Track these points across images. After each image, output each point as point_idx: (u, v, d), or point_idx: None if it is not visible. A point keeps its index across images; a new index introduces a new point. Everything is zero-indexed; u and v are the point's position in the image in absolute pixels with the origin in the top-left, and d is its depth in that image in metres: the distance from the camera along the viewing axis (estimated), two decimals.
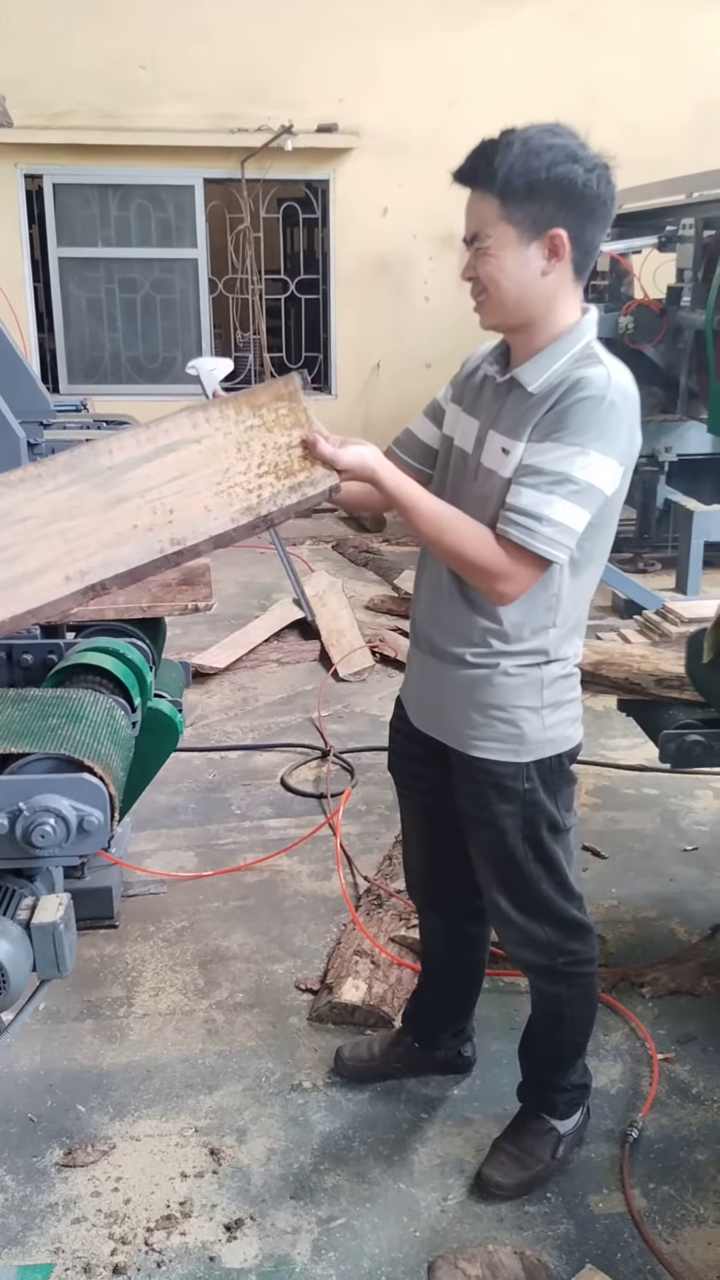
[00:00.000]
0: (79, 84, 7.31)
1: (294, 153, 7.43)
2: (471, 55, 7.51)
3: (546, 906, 2.03)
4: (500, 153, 1.66)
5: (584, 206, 1.68)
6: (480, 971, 2.42)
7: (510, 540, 1.71)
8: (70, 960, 1.66)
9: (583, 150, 1.68)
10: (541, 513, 1.69)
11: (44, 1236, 2.08)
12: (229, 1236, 2.08)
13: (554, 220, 1.68)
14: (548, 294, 1.74)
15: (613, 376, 1.72)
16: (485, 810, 1.96)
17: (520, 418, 1.77)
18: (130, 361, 7.98)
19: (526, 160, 1.65)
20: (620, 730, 4.13)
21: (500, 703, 1.89)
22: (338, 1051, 2.49)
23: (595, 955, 2.14)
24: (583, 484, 1.70)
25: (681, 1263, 2.02)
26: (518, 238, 1.69)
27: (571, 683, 1.96)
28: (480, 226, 1.71)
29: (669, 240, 5.98)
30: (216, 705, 4.68)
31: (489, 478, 1.81)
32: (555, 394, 1.73)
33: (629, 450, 1.75)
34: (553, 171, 1.65)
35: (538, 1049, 2.23)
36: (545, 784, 1.95)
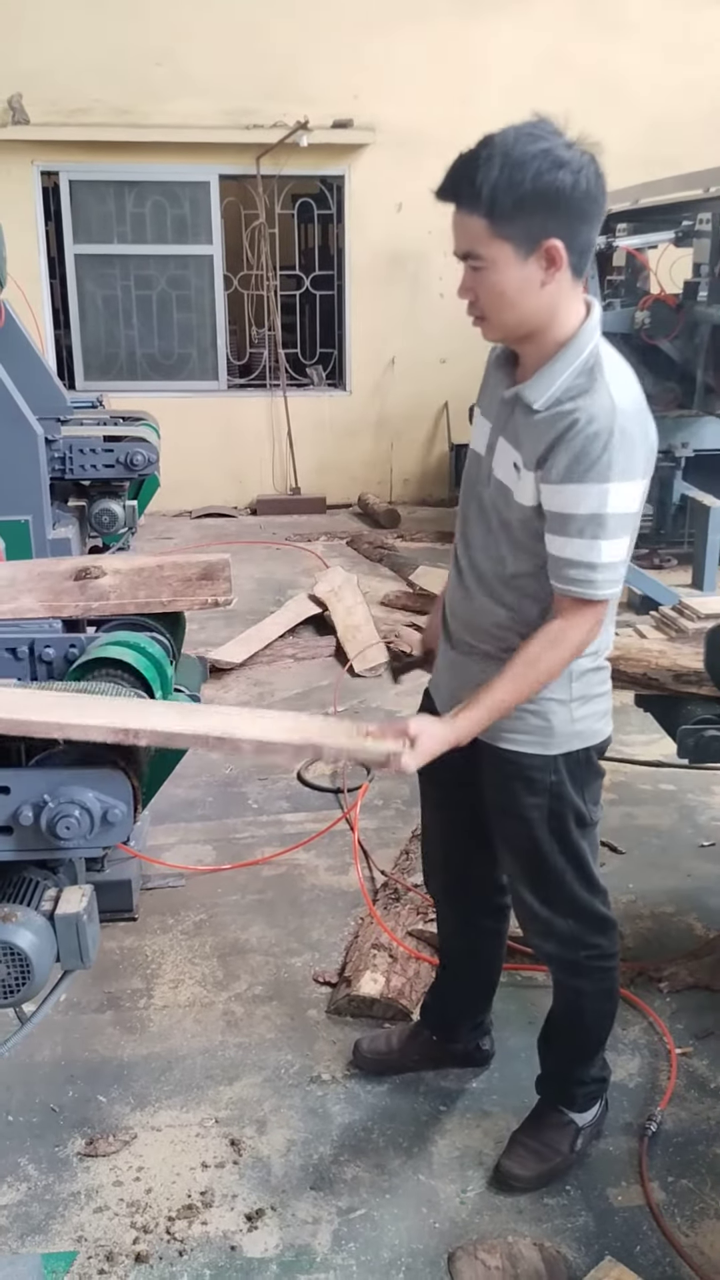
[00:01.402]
0: (95, 81, 7.31)
1: (309, 149, 7.43)
2: (487, 50, 7.49)
3: (570, 899, 2.04)
4: (481, 169, 1.60)
5: (575, 210, 1.63)
6: (498, 965, 2.43)
7: (575, 595, 1.75)
8: (93, 951, 1.68)
9: (566, 151, 1.61)
10: (592, 560, 1.72)
11: (67, 1225, 2.10)
12: (250, 1226, 2.09)
13: (546, 231, 1.63)
14: (550, 304, 1.72)
15: (616, 400, 1.69)
16: (512, 802, 1.97)
17: (527, 434, 1.77)
18: (146, 358, 8.00)
19: (510, 175, 1.59)
20: (637, 726, 4.12)
21: None
22: (356, 1044, 2.50)
23: (617, 950, 2.15)
24: (616, 517, 1.71)
25: (700, 1255, 2.02)
26: (514, 253, 1.65)
27: (601, 676, 1.96)
28: (471, 246, 1.68)
29: (686, 235, 5.95)
30: (233, 700, 4.69)
31: (501, 491, 1.83)
32: (559, 424, 1.70)
33: (648, 459, 1.75)
34: (539, 182, 1.59)
35: (558, 1042, 2.24)
36: (572, 777, 1.95)
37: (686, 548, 6.39)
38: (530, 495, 1.76)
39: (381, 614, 5.68)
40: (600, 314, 1.79)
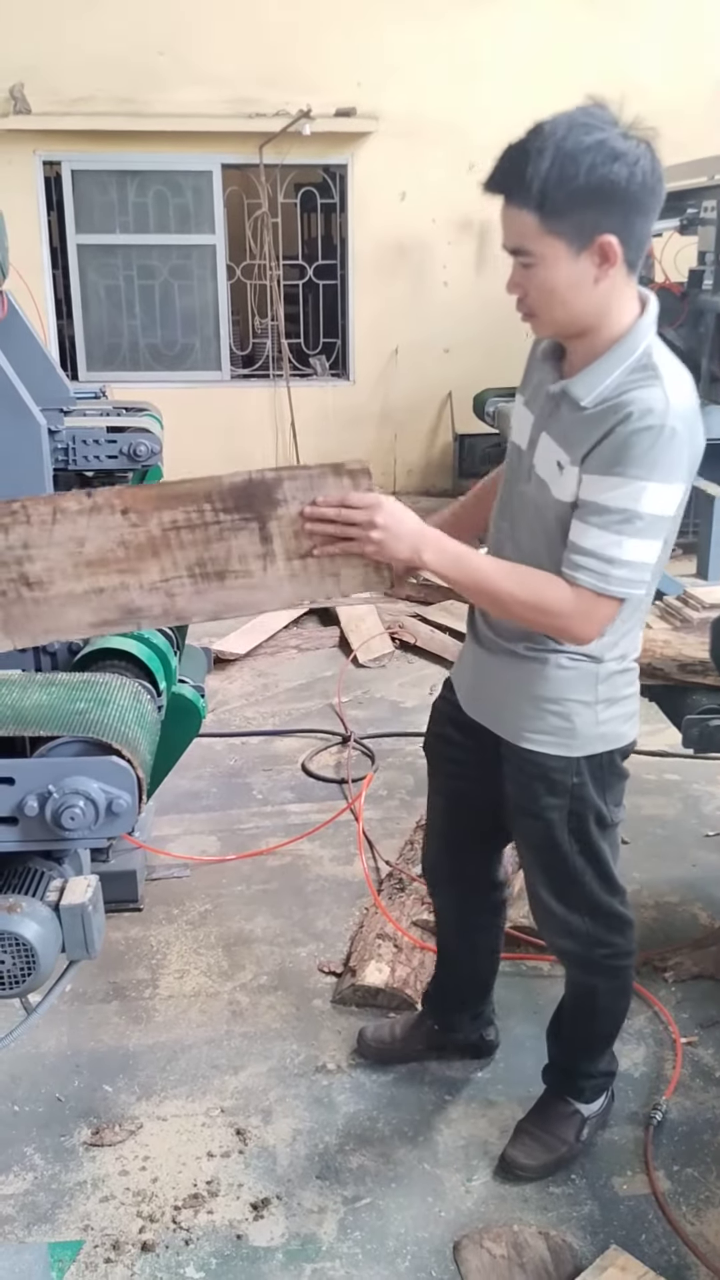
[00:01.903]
0: (97, 70, 7.28)
1: (312, 137, 7.40)
2: (489, 37, 7.44)
3: (589, 899, 2.03)
4: (532, 162, 1.52)
5: (631, 204, 1.55)
6: (495, 957, 2.41)
7: (582, 585, 1.67)
8: (98, 942, 1.68)
9: (622, 141, 1.53)
10: (612, 555, 1.64)
11: (73, 1214, 2.10)
12: (256, 1215, 2.10)
13: (600, 226, 1.55)
14: (603, 300, 1.64)
15: (671, 400, 1.61)
16: (533, 802, 1.95)
17: (574, 431, 1.70)
18: (149, 348, 7.98)
19: (562, 169, 1.51)
20: (642, 715, 4.11)
21: (553, 695, 1.87)
22: (360, 1033, 2.50)
23: (634, 949, 2.14)
24: (649, 517, 1.62)
25: (706, 1244, 2.03)
26: (566, 249, 1.57)
27: (628, 679, 1.92)
28: (521, 241, 1.60)
29: (690, 223, 5.93)
30: (237, 691, 4.69)
31: (542, 488, 1.76)
32: (612, 418, 1.62)
33: (692, 467, 1.67)
34: (593, 176, 1.51)
35: (568, 1036, 2.24)
36: (595, 779, 1.93)
37: (692, 537, 6.37)
38: (571, 491, 1.69)
39: (385, 604, 5.67)
40: (656, 311, 1.71)
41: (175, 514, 1.65)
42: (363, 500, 1.62)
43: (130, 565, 1.67)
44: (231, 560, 1.68)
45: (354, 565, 1.70)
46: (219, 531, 1.66)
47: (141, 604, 1.70)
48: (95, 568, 1.67)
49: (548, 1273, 1.96)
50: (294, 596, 1.72)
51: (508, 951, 2.80)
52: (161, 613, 1.71)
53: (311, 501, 1.63)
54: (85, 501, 1.65)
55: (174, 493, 1.66)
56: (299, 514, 1.64)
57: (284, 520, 1.66)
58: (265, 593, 1.71)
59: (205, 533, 1.66)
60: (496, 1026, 2.50)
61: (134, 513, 1.65)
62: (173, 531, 1.66)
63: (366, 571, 1.70)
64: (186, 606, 1.71)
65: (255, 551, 1.68)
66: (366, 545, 1.63)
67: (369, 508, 1.62)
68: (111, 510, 1.65)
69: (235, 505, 1.65)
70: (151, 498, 1.65)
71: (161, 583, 1.68)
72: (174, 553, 1.67)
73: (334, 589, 1.72)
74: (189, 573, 1.68)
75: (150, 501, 1.65)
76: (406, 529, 1.64)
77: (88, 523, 1.65)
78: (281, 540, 1.67)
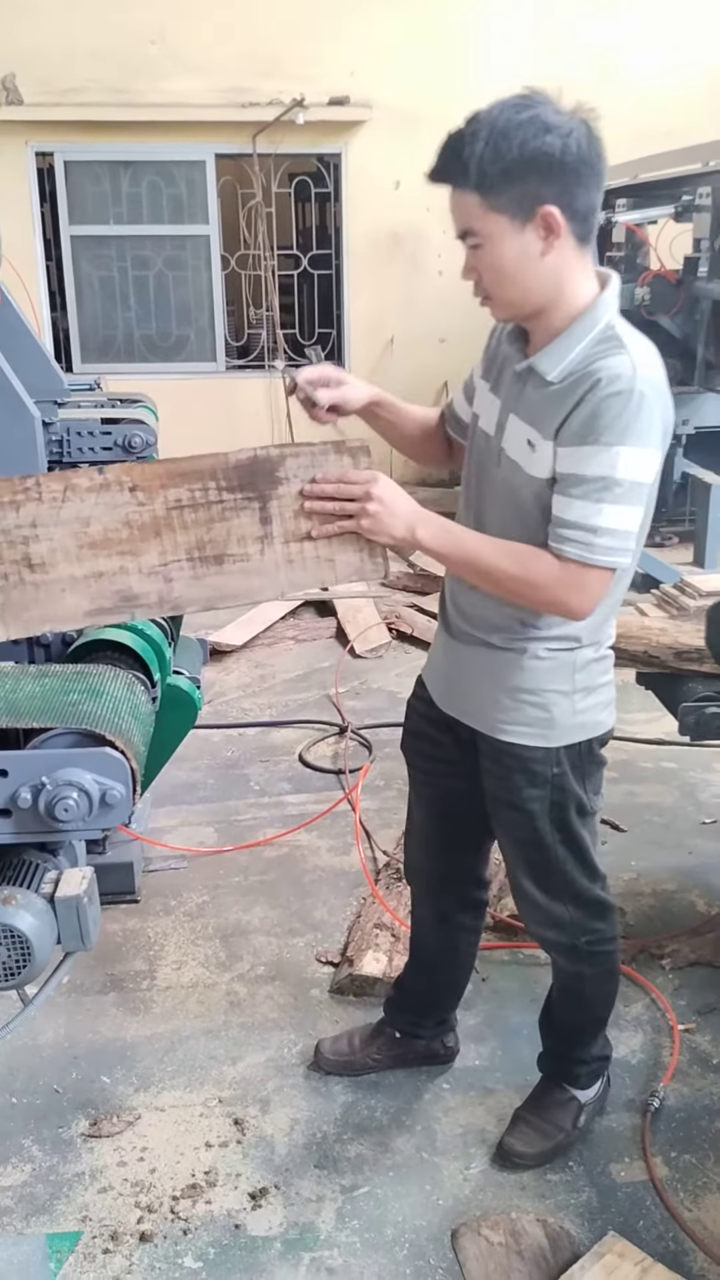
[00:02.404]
0: (89, 60, 7.25)
1: (305, 126, 7.37)
2: (484, 25, 7.41)
3: (571, 887, 2.02)
4: (468, 145, 1.58)
5: (568, 174, 1.59)
6: (470, 962, 2.39)
7: (569, 557, 1.67)
8: (94, 934, 1.68)
9: (555, 116, 1.57)
10: (594, 524, 1.65)
11: (71, 1205, 2.11)
12: (254, 1205, 2.10)
13: (540, 197, 1.59)
14: (554, 275, 1.66)
15: (638, 366, 1.63)
16: (513, 794, 1.94)
17: (542, 408, 1.71)
18: (143, 340, 7.96)
19: (496, 146, 1.56)
20: (638, 704, 4.10)
21: (530, 686, 1.86)
22: (317, 1046, 2.46)
23: (618, 934, 2.14)
24: (626, 483, 1.64)
25: (704, 1230, 2.03)
26: (509, 224, 1.61)
27: (604, 666, 1.92)
28: (467, 223, 1.65)
29: (685, 210, 5.91)
30: (234, 682, 4.69)
31: (514, 470, 1.77)
32: (580, 388, 1.64)
33: (665, 432, 1.69)
34: (526, 149, 1.56)
35: (559, 1024, 2.24)
36: (575, 769, 1.92)
37: (688, 525, 6.38)
38: (546, 467, 1.69)
39: (382, 594, 5.67)
40: (618, 287, 1.73)
41: (180, 492, 1.67)
42: (360, 476, 1.66)
43: (131, 547, 1.68)
44: (230, 543, 1.69)
45: (349, 551, 1.71)
46: (220, 511, 1.68)
47: (138, 590, 1.70)
48: (98, 549, 1.68)
49: (545, 1260, 1.96)
50: (289, 583, 1.73)
51: (505, 940, 2.82)
52: (158, 600, 1.72)
53: (311, 479, 1.66)
54: (96, 478, 1.66)
55: (181, 469, 1.68)
56: (299, 492, 1.66)
57: (284, 500, 1.68)
58: (261, 578, 1.72)
59: (208, 512, 1.68)
60: (457, 1034, 2.47)
61: (141, 490, 1.67)
62: (176, 511, 1.68)
63: (361, 558, 1.72)
64: (183, 594, 1.71)
65: (254, 534, 1.69)
66: (363, 519, 1.65)
67: (366, 482, 1.65)
68: (120, 487, 1.67)
69: (239, 483, 1.68)
70: (160, 474, 1.67)
71: (160, 566, 1.69)
72: (175, 534, 1.68)
73: (329, 575, 1.73)
74: (188, 555, 1.69)
75: (158, 478, 1.67)
76: (402, 505, 1.67)
77: (96, 500, 1.67)
78: (280, 522, 1.69)
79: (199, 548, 1.69)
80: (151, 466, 1.68)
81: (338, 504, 1.66)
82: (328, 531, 1.68)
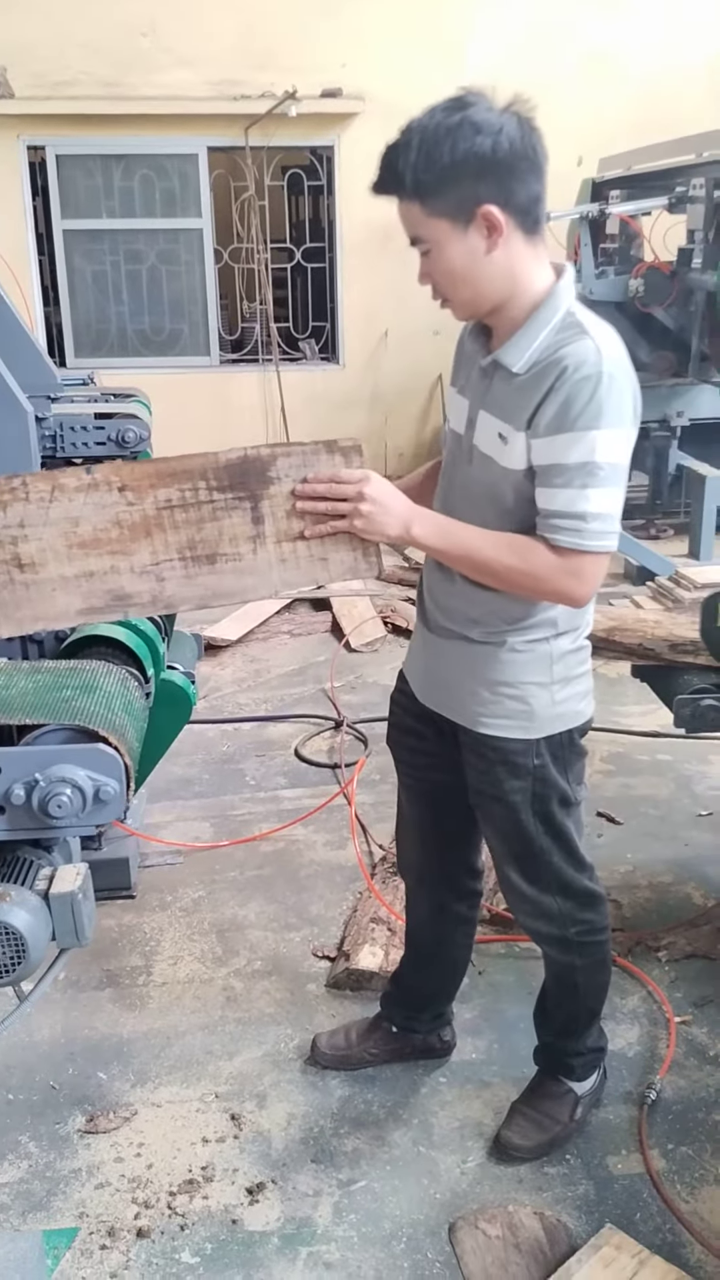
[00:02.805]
0: (81, 53, 7.21)
1: (298, 119, 7.34)
2: (476, 16, 7.38)
3: (558, 879, 2.03)
4: (401, 155, 1.61)
5: (503, 171, 1.60)
6: (466, 955, 2.39)
7: (563, 546, 1.69)
8: (89, 930, 1.67)
9: (486, 114, 1.59)
10: (582, 510, 1.66)
11: (68, 1201, 2.10)
12: (251, 1200, 2.10)
13: (478, 198, 1.61)
14: (505, 270, 1.67)
15: (602, 348, 1.65)
16: (495, 787, 1.95)
17: (511, 400, 1.72)
18: (137, 334, 7.93)
19: (428, 154, 1.59)
20: (633, 696, 4.12)
21: (508, 679, 1.87)
22: (314, 1041, 2.46)
23: (608, 924, 2.13)
24: (607, 466, 1.66)
25: (701, 1221, 2.03)
26: (451, 228, 1.64)
27: (581, 657, 1.93)
28: (414, 231, 1.67)
29: (679, 201, 5.89)
30: (229, 677, 4.68)
31: (486, 464, 1.78)
32: (548, 378, 1.66)
33: (635, 411, 1.71)
34: (457, 153, 1.58)
35: (553, 1016, 2.24)
36: (555, 759, 1.93)
37: (683, 518, 6.37)
38: (520, 458, 1.71)
39: (377, 588, 5.66)
40: (573, 276, 1.75)
41: (170, 491, 1.66)
42: (352, 476, 1.65)
43: (123, 546, 1.67)
44: (222, 542, 1.68)
45: (342, 550, 1.70)
46: (211, 511, 1.67)
47: (131, 589, 1.69)
48: (88, 549, 1.67)
49: (543, 1253, 1.96)
50: (282, 582, 1.72)
51: (501, 933, 2.81)
52: (150, 600, 1.71)
53: (303, 479, 1.64)
54: (84, 479, 1.65)
55: (171, 469, 1.66)
56: (291, 492, 1.65)
57: (276, 499, 1.67)
58: (254, 577, 1.71)
59: (198, 512, 1.67)
60: (454, 1028, 2.47)
61: (131, 490, 1.66)
62: (166, 510, 1.67)
63: (355, 556, 1.71)
64: (175, 593, 1.71)
65: (246, 533, 1.69)
66: (356, 520, 1.65)
67: (359, 482, 1.64)
68: (109, 487, 1.65)
69: (230, 483, 1.66)
70: (149, 474, 1.66)
71: (152, 566, 1.68)
72: (166, 534, 1.67)
73: (322, 574, 1.73)
74: (179, 555, 1.68)
75: (147, 478, 1.65)
76: (395, 503, 1.67)
77: (84, 500, 1.66)
78: (272, 521, 1.68)
79: (190, 547, 1.69)
80: (140, 466, 1.67)
81: (330, 504, 1.65)
82: (321, 531, 1.68)
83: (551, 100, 7.66)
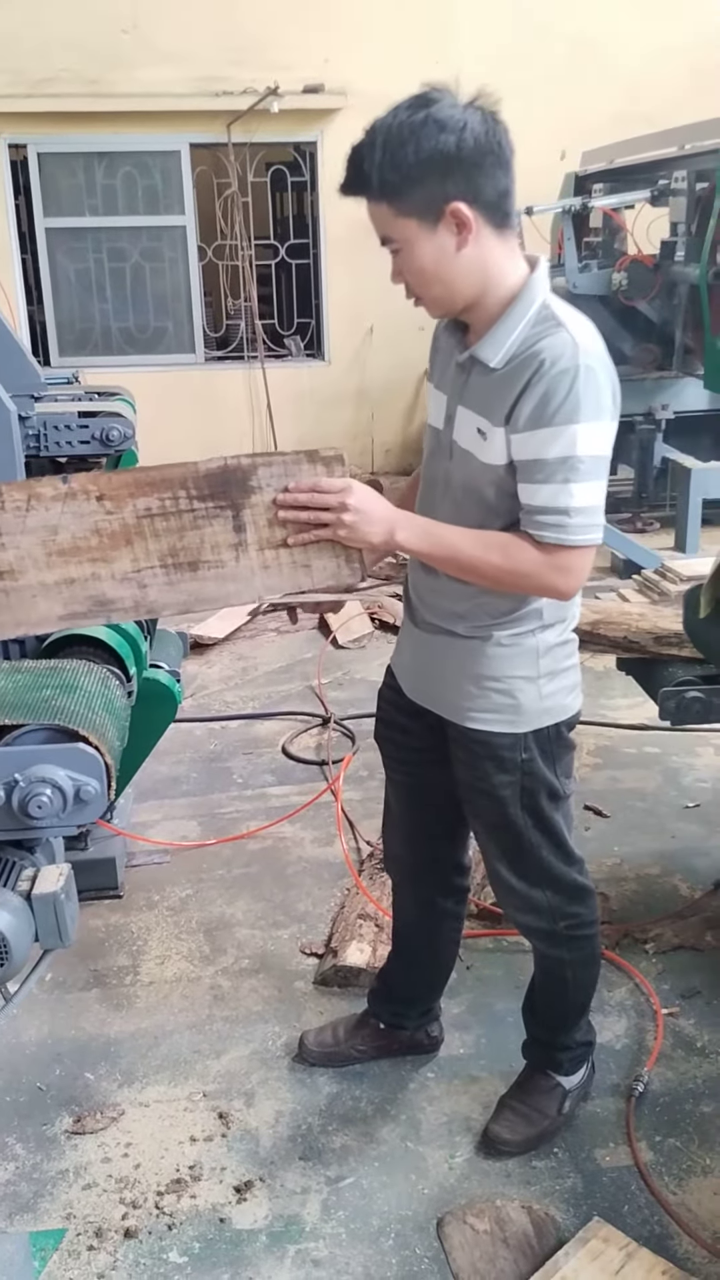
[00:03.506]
0: (61, 50, 7.18)
1: (280, 115, 7.32)
2: (459, 9, 7.37)
3: (547, 872, 2.02)
4: (367, 155, 1.59)
5: (468, 167, 1.59)
6: (453, 950, 2.39)
7: (548, 542, 1.69)
8: (72, 930, 1.67)
9: (450, 111, 1.57)
10: (565, 504, 1.66)
11: (55, 1203, 2.10)
12: (239, 1198, 2.10)
13: (445, 195, 1.59)
14: (477, 266, 1.67)
15: (579, 341, 1.64)
16: (483, 781, 1.94)
17: (489, 395, 1.72)
18: (121, 332, 7.91)
19: (393, 154, 1.57)
20: (620, 690, 4.13)
21: (495, 673, 1.87)
22: (302, 1038, 2.45)
23: (597, 917, 2.13)
24: (588, 459, 1.65)
25: (688, 1213, 2.04)
26: (419, 227, 1.62)
27: (568, 650, 1.92)
28: (384, 231, 1.66)
29: (662, 194, 5.90)
30: (216, 675, 4.68)
31: (466, 460, 1.77)
32: (525, 372, 1.65)
33: (614, 403, 1.70)
34: (421, 151, 1.57)
35: (541, 1010, 2.24)
36: (544, 753, 1.92)
37: (669, 510, 6.38)
38: (500, 453, 1.71)
39: (364, 584, 5.65)
40: (547, 268, 1.74)
41: (150, 501, 1.65)
42: (333, 485, 1.64)
43: (103, 554, 1.67)
44: (204, 550, 1.68)
45: (325, 556, 1.71)
46: (193, 520, 1.67)
47: (112, 595, 1.69)
48: (67, 556, 1.67)
49: (531, 1247, 1.96)
50: (265, 588, 1.72)
51: (489, 928, 2.82)
52: (132, 605, 1.71)
53: (284, 488, 1.64)
54: (60, 488, 1.64)
55: (149, 479, 1.66)
56: (272, 501, 1.65)
57: (258, 508, 1.67)
58: (237, 584, 1.71)
59: (179, 520, 1.66)
60: (441, 1024, 2.47)
61: (109, 499, 1.65)
62: (146, 519, 1.66)
63: (338, 562, 1.71)
64: (158, 599, 1.70)
65: (228, 541, 1.68)
66: (340, 529, 1.64)
67: (341, 491, 1.64)
68: (87, 497, 1.65)
69: (210, 492, 1.66)
70: (127, 484, 1.65)
71: (134, 573, 1.68)
72: (147, 542, 1.67)
73: (305, 580, 1.73)
74: (161, 563, 1.68)
75: (126, 488, 1.65)
76: (378, 511, 1.67)
77: (62, 509, 1.65)
78: (254, 529, 1.68)
79: (172, 555, 1.68)
80: (118, 476, 1.66)
81: (313, 514, 1.65)
82: (304, 540, 1.67)
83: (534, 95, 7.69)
